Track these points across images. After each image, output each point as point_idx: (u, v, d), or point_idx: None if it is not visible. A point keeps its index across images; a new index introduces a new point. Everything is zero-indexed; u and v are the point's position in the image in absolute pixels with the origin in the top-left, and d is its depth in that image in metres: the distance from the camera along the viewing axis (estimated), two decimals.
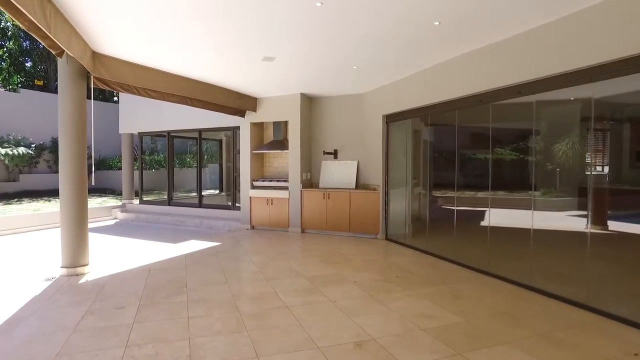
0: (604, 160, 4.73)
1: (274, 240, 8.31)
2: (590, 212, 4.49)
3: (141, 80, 6.59)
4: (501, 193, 5.88)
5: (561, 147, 5.08)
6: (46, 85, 21.94)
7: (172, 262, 6.53)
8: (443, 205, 7.11)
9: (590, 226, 4.48)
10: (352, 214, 8.65)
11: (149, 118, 12.18)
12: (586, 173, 4.70)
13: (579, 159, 4.94)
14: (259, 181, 9.72)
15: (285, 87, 8.59)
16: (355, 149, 9.27)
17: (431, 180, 7.18)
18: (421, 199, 7.74)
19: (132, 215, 12.28)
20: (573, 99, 4.81)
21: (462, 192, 6.49)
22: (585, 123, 4.71)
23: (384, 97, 8.24)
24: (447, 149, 6.92)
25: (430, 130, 7.15)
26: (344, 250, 7.34)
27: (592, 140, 4.73)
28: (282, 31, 5.07)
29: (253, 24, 4.84)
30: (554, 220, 5.14)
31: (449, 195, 6.75)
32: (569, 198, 5.10)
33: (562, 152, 5.07)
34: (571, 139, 5.02)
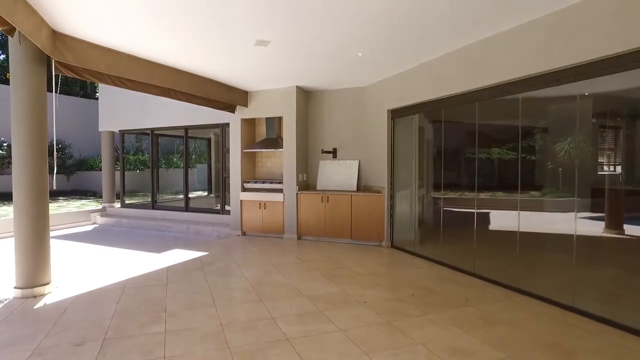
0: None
1: (268, 249, 7.47)
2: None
3: (115, 68, 5.70)
4: (531, 195, 5.11)
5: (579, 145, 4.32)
6: None
7: (151, 278, 5.66)
8: (459, 208, 6.33)
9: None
10: (353, 219, 7.84)
11: (131, 115, 11.26)
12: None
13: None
14: (251, 183, 8.87)
15: (279, 79, 7.76)
16: (356, 148, 8.46)
17: (444, 181, 6.37)
18: (432, 202, 6.96)
19: (112, 220, 11.34)
20: (587, 93, 4.06)
21: (483, 194, 5.71)
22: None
23: (389, 90, 7.45)
24: (464, 147, 6.15)
25: (443, 126, 6.35)
26: (347, 261, 6.53)
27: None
28: (277, 8, 4.24)
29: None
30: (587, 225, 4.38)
31: (467, 197, 5.97)
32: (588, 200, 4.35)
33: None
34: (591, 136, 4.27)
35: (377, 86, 7.84)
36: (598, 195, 4.36)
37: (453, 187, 6.43)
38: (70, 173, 18.10)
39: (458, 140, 6.31)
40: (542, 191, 5.11)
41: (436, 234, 6.56)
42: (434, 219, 6.82)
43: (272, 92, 8.50)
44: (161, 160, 15.22)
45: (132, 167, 15.85)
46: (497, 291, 5.01)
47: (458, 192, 6.34)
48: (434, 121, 6.81)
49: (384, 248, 7.55)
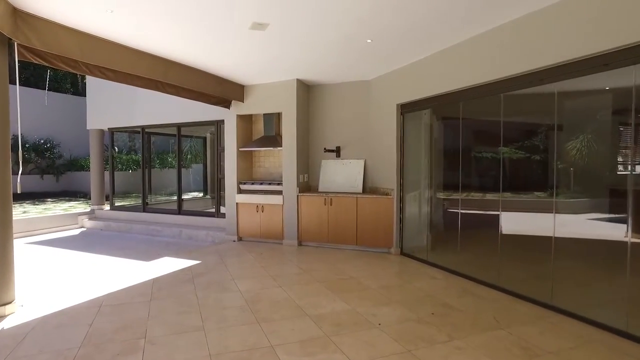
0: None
1: (266, 257, 6.81)
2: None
3: (92, 55, 5.04)
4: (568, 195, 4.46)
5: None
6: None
7: (134, 292, 5.00)
8: (480, 211, 5.69)
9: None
10: (359, 223, 7.19)
11: (121, 112, 10.58)
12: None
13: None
14: (247, 184, 8.21)
15: (278, 71, 7.10)
16: (362, 146, 7.82)
17: (462, 182, 5.71)
18: (447, 204, 6.32)
19: (101, 223, 10.67)
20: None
21: (509, 195, 5.06)
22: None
23: (399, 82, 6.80)
24: (486, 144, 5.51)
25: (462, 122, 5.68)
26: (353, 271, 5.88)
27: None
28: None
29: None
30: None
31: (490, 198, 5.34)
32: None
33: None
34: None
35: (386, 79, 7.18)
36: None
37: (472, 188, 5.79)
38: (60, 173, 17.39)
39: (478, 136, 5.67)
40: (577, 192, 4.47)
41: (452, 240, 5.92)
42: (449, 223, 6.18)
43: (270, 86, 7.84)
44: (155, 160, 14.60)
45: (125, 167, 15.20)
46: (528, 309, 4.36)
47: (478, 194, 5.70)
48: (450, 116, 6.17)
49: (393, 255, 6.90)
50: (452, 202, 6.01)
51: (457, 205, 5.82)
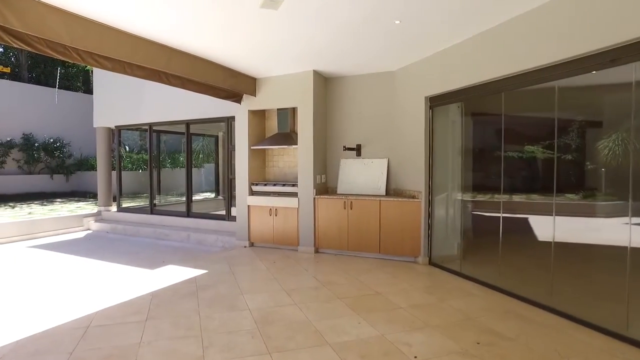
0: None
1: (280, 267, 6.15)
2: None
3: (82, 40, 4.43)
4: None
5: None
6: (17, 74, 19.63)
7: (128, 310, 4.38)
8: (527, 215, 4.93)
9: None
10: (383, 229, 6.49)
11: (128, 109, 10.06)
12: None
13: None
14: (260, 185, 7.57)
15: (293, 62, 6.44)
16: (385, 144, 7.11)
17: (504, 183, 4.94)
18: (484, 208, 5.58)
19: (107, 225, 10.15)
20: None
21: (569, 197, 4.30)
22: None
23: (428, 72, 6.08)
24: (535, 140, 4.75)
25: (504, 116, 4.91)
26: (379, 285, 5.18)
27: None
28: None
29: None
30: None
31: (541, 201, 4.59)
32: None
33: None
34: None
35: (412, 69, 6.46)
36: None
37: (517, 190, 5.03)
38: (70, 173, 17.04)
39: (525, 132, 4.91)
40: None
41: (491, 249, 5.17)
42: (486, 230, 5.44)
43: (284, 79, 7.18)
44: (166, 160, 14.11)
45: (135, 167, 14.74)
46: (595, 339, 3.61)
47: (525, 196, 4.95)
48: (489, 109, 5.42)
49: (421, 265, 6.18)
50: (491, 205, 5.25)
51: (496, 208, 5.05)
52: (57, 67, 18.65)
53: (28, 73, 19.67)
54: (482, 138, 5.66)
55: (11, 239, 8.92)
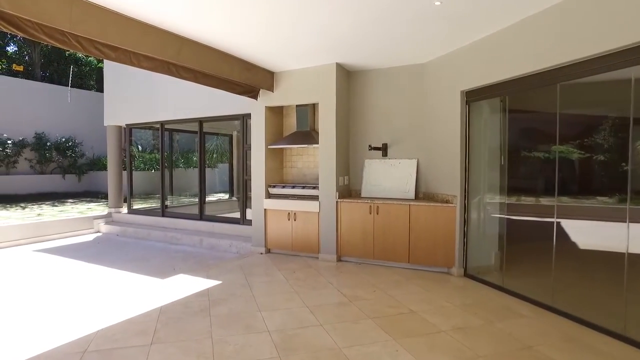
0: None
1: (300, 278, 5.61)
2: None
3: (83, 26, 3.95)
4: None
5: None
6: (30, 72, 19.42)
7: (132, 329, 3.88)
8: (588, 220, 4.30)
9: None
10: (412, 236, 5.90)
11: (139, 106, 9.63)
12: None
13: None
14: (277, 187, 7.03)
15: (314, 53, 5.89)
16: (414, 143, 6.52)
17: (558, 184, 4.30)
18: (533, 214, 4.96)
19: (117, 228, 9.73)
20: None
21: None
22: None
23: (465, 64, 5.47)
24: (606, 140, 4.11)
25: (559, 112, 4.27)
26: (412, 302, 4.60)
27: None
28: None
29: None
30: None
31: (611, 206, 3.95)
32: None
33: None
34: None
35: (446, 60, 5.86)
36: None
37: (575, 193, 4.40)
38: (82, 173, 16.75)
39: (586, 130, 4.26)
40: None
41: (540, 261, 4.57)
42: (535, 238, 4.81)
43: (304, 72, 6.63)
44: (179, 160, 13.72)
45: (147, 167, 14.37)
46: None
47: (585, 199, 4.31)
48: (539, 103, 4.79)
49: (455, 277, 5.59)
50: (541, 209, 4.61)
51: (547, 213, 4.42)
52: (70, 65, 18.43)
53: (41, 71, 19.51)
54: (530, 136, 5.03)
55: (18, 242, 8.54)
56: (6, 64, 18.88)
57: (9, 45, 19.74)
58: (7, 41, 19.35)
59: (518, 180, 5.02)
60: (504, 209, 5.06)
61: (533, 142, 4.93)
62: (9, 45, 19.82)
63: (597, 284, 4.10)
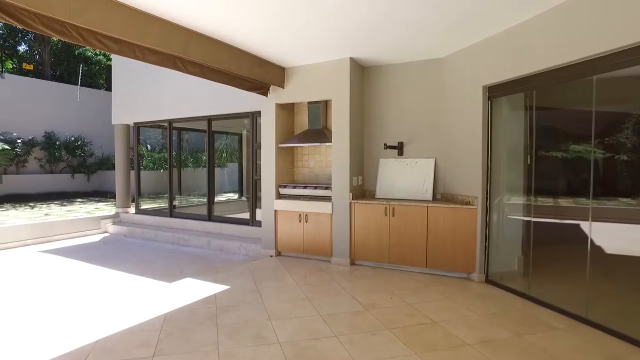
0: None
1: (312, 283, 5.33)
2: None
3: (84, 16, 3.71)
4: None
5: None
6: (40, 71, 19.39)
7: (134, 338, 3.63)
8: (630, 225, 3.96)
9: None
10: (430, 240, 5.60)
11: (147, 104, 9.44)
12: None
13: None
14: (288, 188, 6.76)
15: (326, 47, 5.61)
16: (431, 141, 6.21)
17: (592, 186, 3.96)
18: (563, 216, 4.62)
19: (124, 228, 9.55)
20: None
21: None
22: None
23: (487, 57, 5.15)
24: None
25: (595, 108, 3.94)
26: (432, 310, 4.30)
27: None
28: None
29: None
30: None
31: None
32: None
33: None
34: None
35: (467, 54, 5.54)
36: None
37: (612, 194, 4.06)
38: (91, 172, 16.65)
39: (629, 127, 3.92)
40: None
41: (573, 268, 4.24)
42: (567, 243, 4.48)
43: (317, 68, 6.35)
44: (188, 159, 13.55)
45: (156, 167, 14.22)
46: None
47: (628, 200, 3.97)
48: (571, 98, 4.46)
49: (476, 283, 5.27)
50: (575, 212, 4.28)
51: (580, 215, 4.09)
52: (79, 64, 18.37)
53: (51, 70, 19.49)
54: (560, 133, 4.69)
55: (24, 242, 8.39)
56: (17, 63, 18.87)
57: (20, 44, 19.75)
58: (18, 40, 19.36)
59: (546, 180, 4.69)
60: (530, 210, 4.73)
61: (563, 140, 4.59)
62: (20, 45, 19.84)
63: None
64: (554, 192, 4.68)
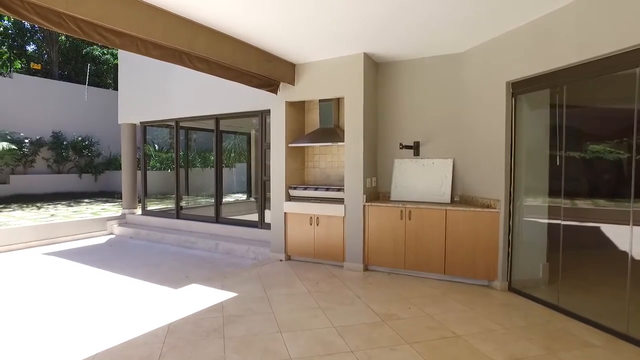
0: None
1: (324, 290, 5.05)
2: None
3: (82, 6, 3.46)
4: None
5: None
6: (47, 71, 19.32)
7: (134, 353, 3.37)
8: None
9: None
10: (449, 245, 5.29)
11: (153, 103, 9.22)
12: None
13: None
14: (299, 189, 6.48)
15: (339, 42, 5.33)
16: (448, 141, 5.90)
17: (634, 188, 3.62)
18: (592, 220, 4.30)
19: (130, 230, 9.34)
20: None
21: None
22: None
23: (511, 50, 4.83)
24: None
25: (636, 103, 3.61)
26: (455, 323, 3.99)
27: None
28: None
29: None
30: None
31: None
32: None
33: None
34: None
35: (488, 48, 5.22)
36: None
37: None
38: (98, 172, 16.52)
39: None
40: None
41: (611, 277, 3.91)
42: (602, 249, 4.15)
43: (329, 64, 6.07)
44: (196, 159, 13.37)
45: (164, 167, 14.05)
46: None
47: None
48: (606, 93, 4.14)
49: (499, 292, 4.95)
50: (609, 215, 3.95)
51: (620, 220, 3.76)
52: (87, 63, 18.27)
53: (59, 70, 19.42)
54: (594, 132, 4.37)
55: (28, 244, 8.21)
56: (25, 63, 18.84)
57: (29, 44, 19.72)
58: (27, 40, 19.32)
59: (578, 182, 4.37)
60: (559, 213, 4.39)
61: (596, 140, 4.26)
62: (29, 45, 19.81)
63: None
64: (587, 194, 4.37)
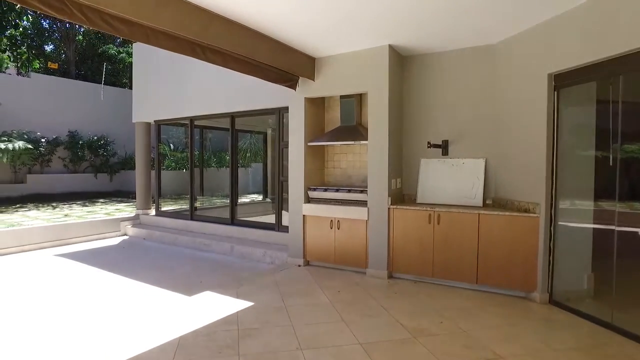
0: None
1: (347, 300, 4.67)
2: None
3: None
4: None
5: None
6: (65, 70, 19.35)
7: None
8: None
9: None
10: (482, 252, 4.87)
11: (168, 101, 8.96)
12: None
13: None
14: (318, 191, 6.12)
15: (362, 33, 4.96)
16: (480, 139, 5.47)
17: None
18: None
19: (144, 231, 9.09)
20: None
21: None
22: None
23: (553, 39, 4.37)
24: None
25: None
26: (494, 340, 3.57)
27: None
28: None
29: None
30: None
31: None
32: None
33: None
34: None
35: (526, 38, 4.77)
36: None
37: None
38: (113, 172, 16.44)
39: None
40: None
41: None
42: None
43: (351, 57, 5.69)
44: (211, 159, 13.15)
45: (179, 167, 13.86)
46: None
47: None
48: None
49: (539, 305, 4.50)
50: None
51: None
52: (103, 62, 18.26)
53: (75, 69, 19.47)
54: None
55: (41, 245, 8.02)
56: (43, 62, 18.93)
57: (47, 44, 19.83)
58: (45, 40, 19.41)
59: (634, 185, 3.90)
60: (613, 219, 3.93)
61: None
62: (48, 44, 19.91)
63: None
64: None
